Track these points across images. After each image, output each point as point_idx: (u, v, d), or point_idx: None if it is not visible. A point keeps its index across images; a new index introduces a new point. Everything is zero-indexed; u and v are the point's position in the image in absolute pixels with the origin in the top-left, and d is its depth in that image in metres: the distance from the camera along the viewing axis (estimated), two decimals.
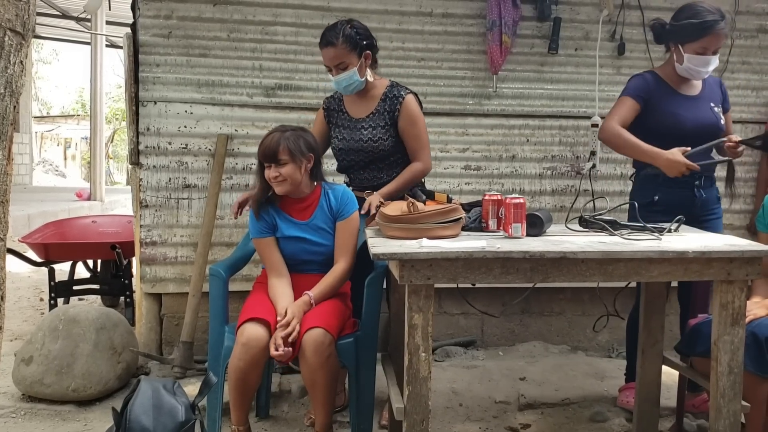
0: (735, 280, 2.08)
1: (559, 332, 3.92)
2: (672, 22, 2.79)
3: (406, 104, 2.77)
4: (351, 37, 2.70)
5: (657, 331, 2.69)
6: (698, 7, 2.75)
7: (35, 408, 2.98)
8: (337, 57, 2.70)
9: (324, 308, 2.49)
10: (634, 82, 2.87)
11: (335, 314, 2.50)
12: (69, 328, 3.06)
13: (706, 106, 2.84)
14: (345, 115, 2.88)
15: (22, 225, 7.83)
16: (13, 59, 1.41)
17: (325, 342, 2.35)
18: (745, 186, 3.88)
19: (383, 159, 2.82)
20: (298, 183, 2.53)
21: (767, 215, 2.70)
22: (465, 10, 3.62)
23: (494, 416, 3.02)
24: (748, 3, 3.79)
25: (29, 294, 5.31)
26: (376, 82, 2.84)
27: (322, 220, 2.60)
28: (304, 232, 2.58)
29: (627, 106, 2.81)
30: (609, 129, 2.79)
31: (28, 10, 1.44)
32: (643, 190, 2.85)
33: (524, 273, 2.03)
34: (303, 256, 2.62)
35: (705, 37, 2.70)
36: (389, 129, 2.78)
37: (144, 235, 3.51)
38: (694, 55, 2.74)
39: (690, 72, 2.79)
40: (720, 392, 2.12)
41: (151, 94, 3.46)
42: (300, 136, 2.52)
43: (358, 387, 2.56)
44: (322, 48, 2.75)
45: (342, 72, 2.72)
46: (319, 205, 2.60)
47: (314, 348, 2.33)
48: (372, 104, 2.82)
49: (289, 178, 2.48)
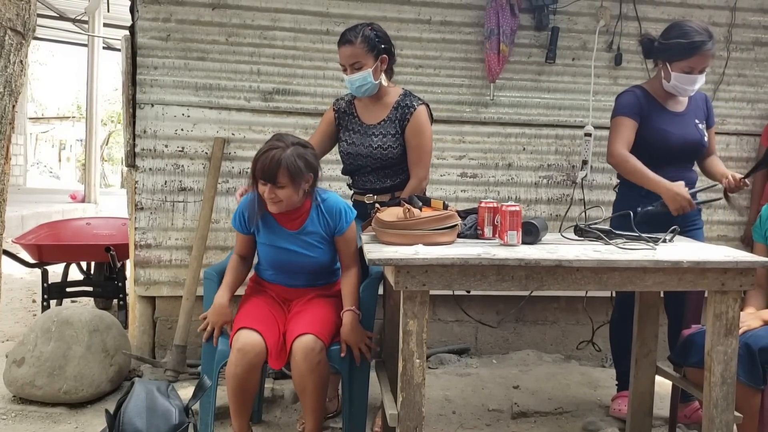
0: (729, 291, 2.09)
1: (552, 341, 3.92)
2: (660, 40, 2.82)
3: (417, 115, 2.77)
4: (370, 39, 2.71)
5: (650, 341, 2.70)
6: (686, 26, 2.77)
7: (26, 410, 2.96)
8: (353, 56, 2.70)
9: (315, 314, 2.48)
10: (627, 100, 2.89)
11: (326, 320, 2.48)
12: (61, 329, 3.04)
13: (691, 123, 2.90)
14: (357, 119, 2.87)
15: (15, 226, 7.80)
16: (13, 58, 1.41)
17: (315, 348, 2.34)
18: (739, 198, 3.89)
19: (390, 166, 2.82)
20: (292, 203, 2.43)
21: (764, 226, 2.72)
22: (463, 18, 3.64)
23: (487, 424, 3.01)
24: (744, 16, 3.82)
25: (22, 295, 5.28)
26: (390, 90, 2.84)
27: (312, 231, 2.52)
28: (292, 244, 2.52)
29: (627, 126, 2.84)
30: (617, 155, 2.82)
31: (29, 9, 1.45)
32: (627, 201, 2.87)
33: (519, 280, 2.04)
34: (289, 267, 2.57)
35: (692, 57, 2.74)
36: (399, 137, 2.78)
37: (139, 237, 3.50)
38: (681, 74, 2.77)
39: (677, 89, 2.84)
40: (713, 402, 2.13)
41: (148, 96, 3.46)
42: (301, 155, 2.37)
43: (351, 393, 2.54)
44: (340, 46, 2.74)
45: (357, 72, 2.72)
46: (310, 217, 2.52)
47: (304, 354, 2.33)
48: (384, 111, 2.81)
49: (286, 201, 2.40)
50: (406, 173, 2.84)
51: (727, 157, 3.78)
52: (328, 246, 2.56)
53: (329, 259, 2.60)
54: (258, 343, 2.36)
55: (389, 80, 2.85)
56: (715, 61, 3.79)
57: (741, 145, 3.92)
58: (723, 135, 3.86)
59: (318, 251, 2.54)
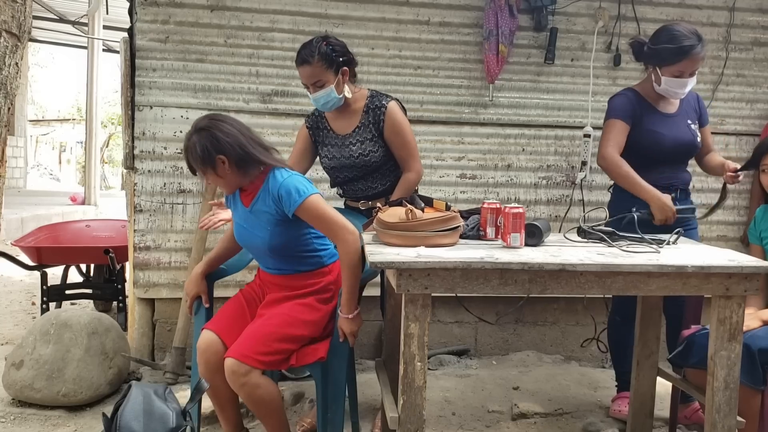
0: (733, 296, 2.08)
1: (552, 342, 3.91)
2: (650, 45, 2.83)
3: (390, 113, 2.73)
4: (327, 55, 2.64)
5: (652, 343, 2.69)
6: (675, 30, 2.77)
7: (25, 413, 2.95)
8: (313, 75, 2.65)
9: (264, 327, 2.35)
10: (620, 103, 2.89)
11: (269, 337, 2.31)
12: (60, 332, 3.04)
13: (683, 124, 2.90)
14: (330, 132, 2.84)
15: (15, 228, 7.80)
16: (8, 61, 1.40)
17: (237, 372, 2.24)
18: (738, 198, 3.89)
19: (376, 170, 2.80)
20: (233, 183, 2.36)
21: (758, 227, 2.72)
22: (462, 19, 3.63)
23: (487, 426, 3.01)
24: (743, 16, 3.82)
25: (21, 298, 5.27)
26: (356, 95, 2.79)
27: (261, 210, 2.36)
28: (245, 221, 2.42)
29: (618, 129, 2.85)
30: (609, 158, 2.82)
31: (24, 12, 1.44)
32: (622, 203, 2.87)
33: (522, 284, 2.03)
34: (247, 245, 2.49)
35: (681, 62, 2.74)
36: (377, 140, 2.75)
37: (138, 239, 3.49)
38: (671, 78, 2.78)
39: (668, 93, 2.85)
40: (716, 407, 2.12)
41: (147, 98, 3.45)
42: (199, 141, 2.27)
43: (325, 403, 2.42)
44: (298, 66, 2.69)
45: (319, 90, 2.68)
46: (259, 196, 2.37)
47: (228, 375, 2.26)
48: (356, 119, 2.78)
49: (218, 184, 2.39)
50: (393, 175, 2.82)
51: (726, 157, 3.69)
52: (284, 228, 2.36)
53: (285, 241, 2.39)
54: (213, 343, 2.35)
55: (354, 85, 2.80)
56: (714, 61, 3.79)
57: (740, 145, 3.91)
58: (722, 135, 3.86)
59: (266, 232, 2.36)
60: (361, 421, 2.94)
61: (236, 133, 2.31)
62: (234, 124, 2.36)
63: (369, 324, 3.57)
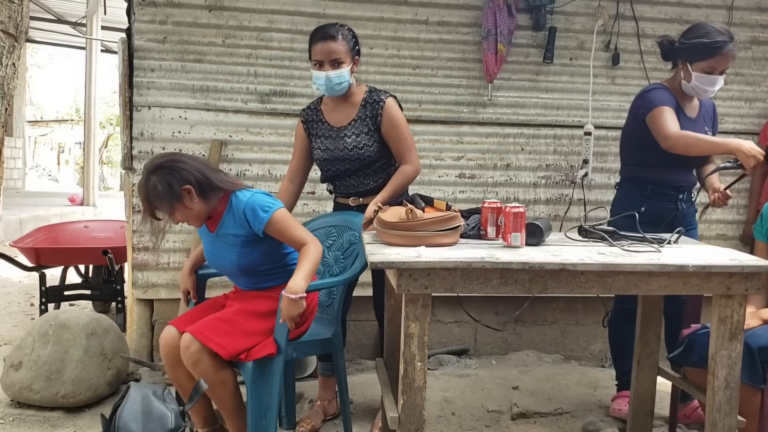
0: (734, 295, 2.08)
1: (552, 341, 3.91)
2: (682, 40, 2.80)
3: (388, 108, 2.74)
4: (350, 38, 2.71)
5: (653, 342, 2.69)
6: (709, 27, 2.77)
7: (24, 414, 2.95)
8: (335, 51, 2.66)
9: (225, 315, 2.40)
10: (661, 94, 2.81)
11: (236, 323, 2.36)
12: (59, 333, 3.03)
13: (701, 130, 2.87)
14: (325, 124, 2.83)
15: (13, 229, 7.80)
16: (5, 61, 1.40)
17: (189, 348, 2.28)
18: (738, 197, 3.89)
19: (368, 165, 2.79)
20: (202, 213, 2.39)
21: (765, 224, 2.71)
22: (461, 18, 3.63)
23: (486, 425, 3.00)
24: (742, 15, 3.82)
25: (20, 299, 5.27)
26: (355, 89, 2.80)
27: (227, 234, 2.43)
28: (213, 245, 2.49)
29: (670, 112, 2.74)
30: (673, 134, 2.69)
31: (21, 12, 1.44)
32: (630, 201, 2.86)
33: (523, 284, 2.02)
34: (217, 267, 2.57)
35: (714, 57, 2.72)
36: (373, 135, 2.75)
37: (136, 240, 3.49)
38: (702, 74, 2.75)
39: (696, 90, 2.80)
40: (716, 407, 2.11)
41: (145, 99, 3.45)
42: (159, 180, 2.29)
43: (252, 401, 2.35)
44: (318, 41, 2.68)
45: (336, 68, 2.68)
46: (223, 220, 2.44)
47: (182, 350, 2.30)
48: (352, 111, 2.78)
49: (188, 217, 2.39)
50: (386, 172, 2.81)
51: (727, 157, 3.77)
52: (252, 247, 2.43)
53: (253, 260, 2.46)
54: (172, 338, 2.39)
55: None
56: None
57: None
58: (721, 134, 3.83)
59: (234, 254, 2.43)
60: (361, 421, 2.95)
61: (192, 162, 2.38)
62: (184, 156, 2.43)
63: (369, 324, 3.57)
